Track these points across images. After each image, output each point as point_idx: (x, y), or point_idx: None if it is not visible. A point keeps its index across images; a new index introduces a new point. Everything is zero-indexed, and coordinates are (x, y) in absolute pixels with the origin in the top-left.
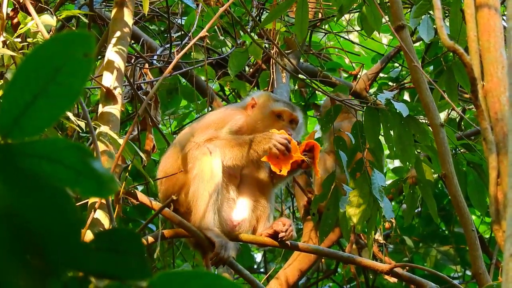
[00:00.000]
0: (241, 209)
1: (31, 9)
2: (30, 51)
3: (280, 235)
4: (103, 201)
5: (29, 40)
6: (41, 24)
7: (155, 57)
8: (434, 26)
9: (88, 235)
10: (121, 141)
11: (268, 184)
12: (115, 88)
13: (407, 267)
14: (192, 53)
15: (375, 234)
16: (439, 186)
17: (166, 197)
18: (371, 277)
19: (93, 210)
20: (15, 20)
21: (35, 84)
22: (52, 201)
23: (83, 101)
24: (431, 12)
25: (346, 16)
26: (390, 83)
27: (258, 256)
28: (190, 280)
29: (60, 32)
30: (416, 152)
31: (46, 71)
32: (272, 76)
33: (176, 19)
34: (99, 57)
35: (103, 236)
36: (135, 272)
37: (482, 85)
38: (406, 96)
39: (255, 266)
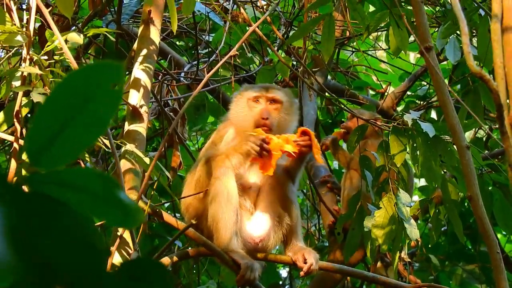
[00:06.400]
0: (260, 224)
1: (55, 30)
2: (58, 73)
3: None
4: None
5: (55, 57)
6: (65, 46)
7: (183, 74)
8: (461, 46)
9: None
10: (147, 159)
11: (287, 194)
12: (141, 106)
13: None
14: (219, 70)
15: (400, 253)
16: (465, 204)
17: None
18: None
19: (119, 236)
20: (42, 37)
21: (64, 113)
22: (77, 230)
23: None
24: (458, 32)
25: (374, 34)
26: (417, 101)
27: (284, 273)
28: None
29: (87, 49)
30: (442, 172)
31: (75, 101)
32: (299, 93)
33: (204, 36)
34: (127, 73)
35: (128, 265)
36: None
37: (508, 111)
38: (433, 114)
39: (281, 283)
